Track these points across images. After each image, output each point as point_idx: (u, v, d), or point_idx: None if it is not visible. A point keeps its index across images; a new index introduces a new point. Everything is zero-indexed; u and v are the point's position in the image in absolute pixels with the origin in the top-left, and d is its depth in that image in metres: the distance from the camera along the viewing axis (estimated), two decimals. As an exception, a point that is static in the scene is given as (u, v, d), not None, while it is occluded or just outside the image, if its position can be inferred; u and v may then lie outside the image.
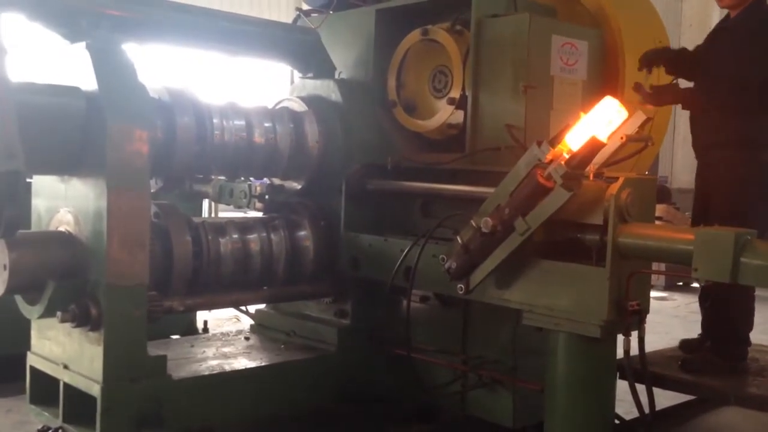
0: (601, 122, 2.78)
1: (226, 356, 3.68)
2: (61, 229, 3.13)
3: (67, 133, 3.01)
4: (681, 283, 10.10)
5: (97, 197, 2.97)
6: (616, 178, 2.82)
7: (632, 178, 2.85)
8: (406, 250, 3.36)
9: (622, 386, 3.02)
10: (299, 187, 3.95)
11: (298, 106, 3.95)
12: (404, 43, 4.02)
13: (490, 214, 2.85)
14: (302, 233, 3.84)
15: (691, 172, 4.75)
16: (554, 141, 2.78)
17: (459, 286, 3.03)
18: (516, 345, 3.39)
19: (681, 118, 15.22)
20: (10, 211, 2.73)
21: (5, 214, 2.72)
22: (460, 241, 2.97)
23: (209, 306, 3.78)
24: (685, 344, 3.93)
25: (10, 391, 3.71)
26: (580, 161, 2.71)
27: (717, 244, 2.52)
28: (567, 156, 2.72)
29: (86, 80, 3.03)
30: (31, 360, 3.36)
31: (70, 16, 3.24)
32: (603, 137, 2.73)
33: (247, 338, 4.05)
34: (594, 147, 2.71)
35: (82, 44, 3.08)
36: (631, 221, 2.76)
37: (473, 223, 2.91)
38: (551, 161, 2.74)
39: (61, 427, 3.13)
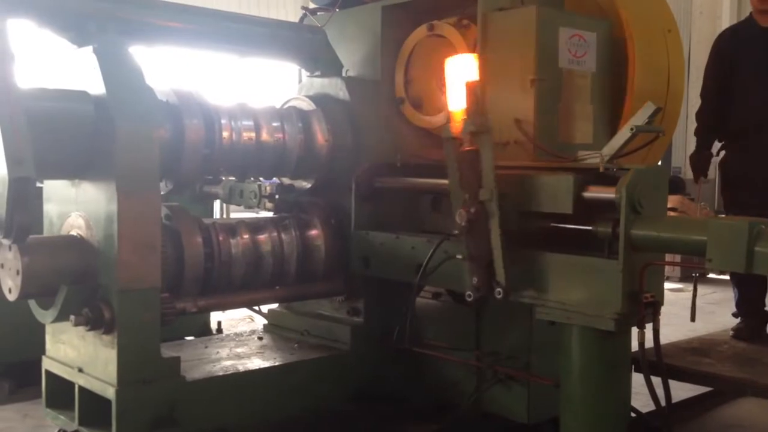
0: (462, 73, 3.08)
1: (239, 357, 3.69)
2: (73, 233, 3.14)
3: (76, 137, 3.02)
4: (696, 275, 10.03)
5: (108, 201, 2.98)
6: (627, 170, 2.80)
7: (643, 169, 2.82)
8: (432, 249, 3.30)
9: (637, 379, 3.00)
10: (309, 186, 3.95)
11: (306, 105, 3.95)
12: (411, 39, 4.01)
13: (460, 208, 2.91)
14: (313, 232, 3.84)
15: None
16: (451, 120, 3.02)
17: (497, 291, 2.95)
18: (530, 340, 3.38)
19: (694, 108, 15.14)
20: (21, 216, 2.74)
21: (17, 220, 2.74)
22: (462, 257, 2.99)
23: (222, 307, 3.78)
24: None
25: (27, 395, 3.73)
26: (476, 111, 2.93)
27: (731, 234, 2.49)
28: (466, 116, 2.93)
29: (94, 84, 3.04)
30: (46, 364, 3.38)
31: (78, 20, 3.25)
32: (472, 77, 3.03)
33: (260, 338, 4.05)
34: (473, 90, 2.95)
35: (90, 48, 3.09)
36: (643, 212, 2.74)
37: (457, 230, 2.97)
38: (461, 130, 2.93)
39: (77, 431, 3.14)
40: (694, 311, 3.47)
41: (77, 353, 3.19)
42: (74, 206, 3.16)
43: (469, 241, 2.94)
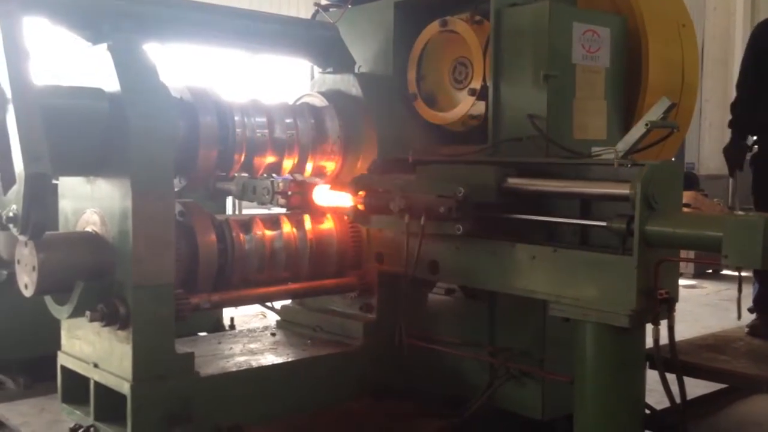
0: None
1: (253, 352, 3.70)
2: (88, 229, 3.16)
3: (91, 134, 3.03)
4: (710, 271, 9.98)
5: (122, 197, 3.00)
6: (642, 165, 2.78)
7: (657, 164, 2.81)
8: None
9: (652, 376, 2.99)
10: (322, 182, 3.95)
11: (319, 102, 3.95)
12: (423, 35, 4.00)
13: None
14: (326, 228, 3.84)
15: (719, 158, 4.68)
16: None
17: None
18: (543, 336, 3.37)
19: (707, 103, 15.02)
20: (37, 213, 2.76)
21: (32, 216, 2.75)
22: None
23: (235, 303, 3.79)
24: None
25: (43, 390, 3.77)
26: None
27: (747, 230, 2.47)
28: None
29: (109, 81, 3.06)
30: (62, 359, 3.41)
31: (92, 18, 3.27)
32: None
33: (273, 334, 4.06)
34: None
35: (104, 46, 3.10)
36: (657, 208, 2.72)
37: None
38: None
39: (92, 425, 3.17)
40: (739, 309, 3.49)
41: (92, 349, 3.22)
42: (89, 203, 3.18)
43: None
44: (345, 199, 3.60)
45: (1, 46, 2.84)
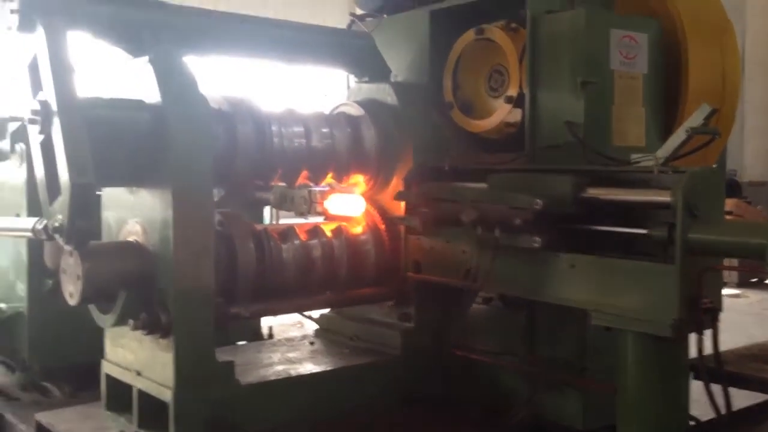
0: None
1: (291, 361, 3.72)
2: (130, 239, 3.21)
3: (133, 145, 3.09)
4: (755, 280, 9.77)
5: (164, 207, 3.05)
6: (683, 172, 2.74)
7: (698, 171, 2.77)
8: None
9: (696, 387, 2.93)
10: (358, 191, 3.96)
11: (355, 111, 3.97)
12: (459, 44, 4.00)
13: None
14: (363, 237, 3.86)
15: (762, 165, 4.60)
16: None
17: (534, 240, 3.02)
18: (584, 345, 3.33)
19: (749, 107, 14.73)
20: (82, 223, 2.82)
21: (77, 226, 2.81)
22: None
23: (274, 312, 3.82)
24: None
25: (87, 398, 3.82)
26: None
27: (793, 237, 2.42)
28: None
29: (150, 93, 3.12)
30: (106, 367, 3.46)
31: (133, 31, 3.33)
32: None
33: (311, 343, 4.08)
34: None
35: (145, 58, 3.16)
36: (700, 216, 2.68)
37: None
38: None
39: (135, 432, 3.21)
40: None
41: (135, 357, 3.27)
42: (131, 213, 3.24)
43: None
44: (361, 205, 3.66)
45: (47, 60, 2.92)
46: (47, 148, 2.89)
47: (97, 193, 3.21)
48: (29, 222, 3.03)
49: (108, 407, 3.44)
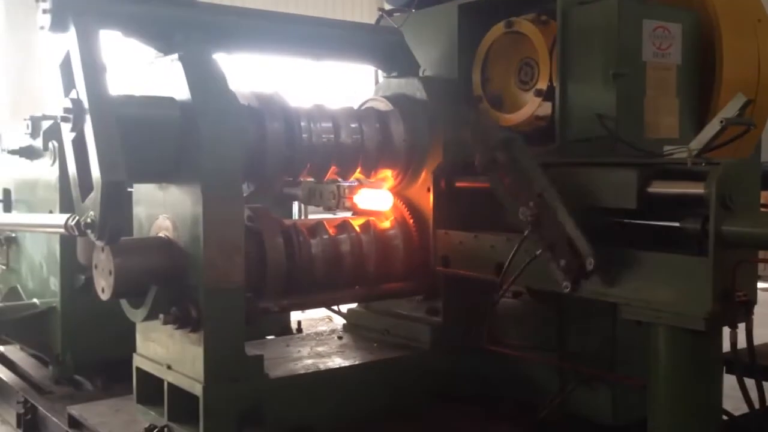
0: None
1: (320, 355, 3.73)
2: (161, 235, 3.25)
3: (163, 142, 3.12)
4: None
5: (194, 203, 3.07)
6: (717, 163, 2.69)
7: (733, 162, 2.71)
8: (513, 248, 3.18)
9: (729, 381, 2.88)
10: (387, 186, 3.96)
11: (384, 106, 3.97)
12: (488, 37, 3.98)
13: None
14: (392, 232, 3.85)
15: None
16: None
17: (588, 261, 2.84)
18: (614, 339, 3.29)
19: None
20: (114, 219, 2.86)
21: (109, 223, 2.85)
22: (541, 251, 2.98)
23: (303, 306, 3.84)
24: None
25: (118, 391, 3.88)
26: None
27: (831, 229, 2.37)
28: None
29: (180, 91, 3.14)
30: (137, 361, 3.51)
31: (163, 29, 3.36)
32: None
33: (340, 337, 4.10)
34: None
35: (175, 56, 3.19)
36: (734, 208, 2.63)
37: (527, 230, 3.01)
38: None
39: (166, 426, 3.25)
40: None
41: (166, 351, 3.30)
42: (162, 209, 3.27)
43: (542, 233, 2.90)
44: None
45: (78, 59, 2.96)
46: (79, 145, 2.94)
47: (128, 189, 3.24)
48: (62, 218, 3.08)
49: (139, 400, 3.49)
